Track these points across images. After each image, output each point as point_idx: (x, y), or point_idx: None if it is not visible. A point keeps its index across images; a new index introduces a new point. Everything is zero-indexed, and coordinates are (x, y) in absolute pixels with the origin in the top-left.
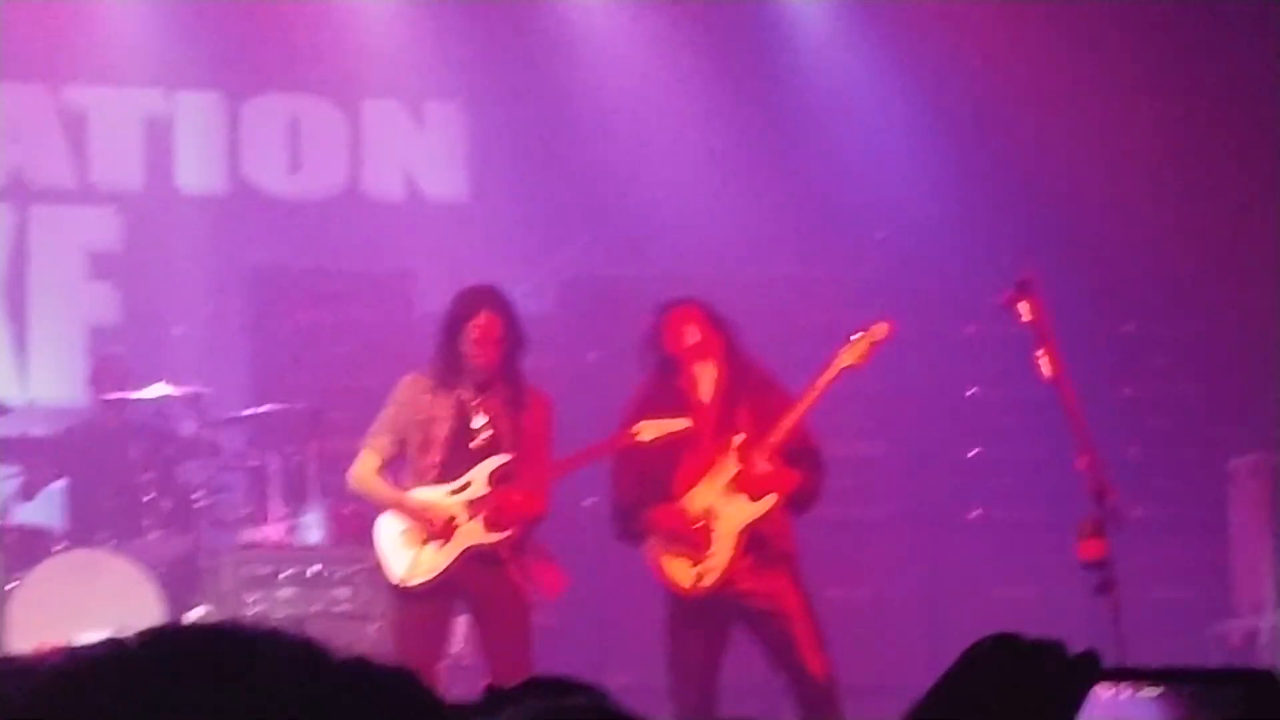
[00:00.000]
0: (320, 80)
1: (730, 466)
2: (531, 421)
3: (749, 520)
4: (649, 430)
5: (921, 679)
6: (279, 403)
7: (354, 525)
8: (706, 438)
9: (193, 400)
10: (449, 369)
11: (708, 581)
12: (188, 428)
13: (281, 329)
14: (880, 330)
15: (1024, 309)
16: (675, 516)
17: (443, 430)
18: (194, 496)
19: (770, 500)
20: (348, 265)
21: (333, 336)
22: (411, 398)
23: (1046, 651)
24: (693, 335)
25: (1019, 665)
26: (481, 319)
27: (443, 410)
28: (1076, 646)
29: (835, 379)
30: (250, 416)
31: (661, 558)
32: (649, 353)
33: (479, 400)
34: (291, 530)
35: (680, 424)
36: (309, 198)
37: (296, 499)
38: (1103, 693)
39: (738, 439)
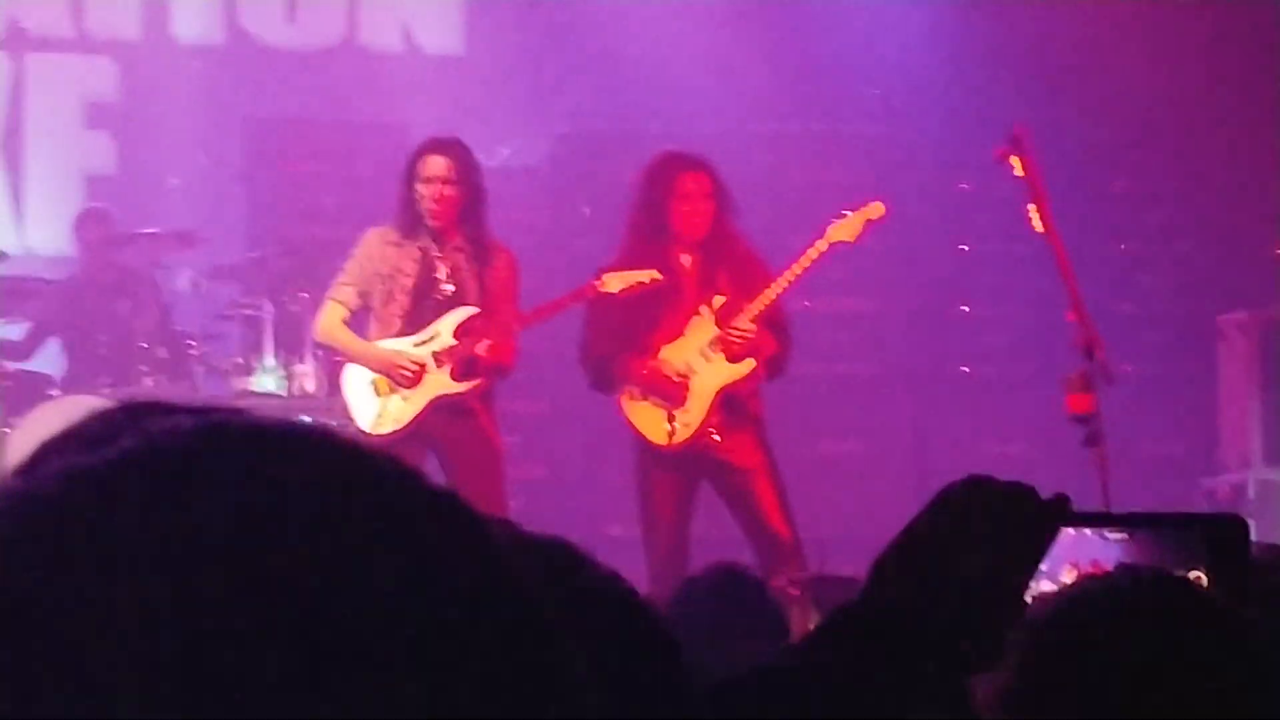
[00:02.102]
0: None
1: (709, 328)
2: (495, 275)
3: (727, 381)
4: (614, 281)
5: None
6: (273, 252)
7: None
8: (687, 297)
9: (188, 249)
10: (410, 221)
11: (680, 436)
12: (182, 277)
13: (277, 179)
14: (875, 209)
15: (1016, 164)
16: (653, 369)
17: (407, 282)
18: (189, 344)
19: (749, 364)
20: (343, 116)
21: (327, 187)
22: (376, 250)
23: (1017, 495)
24: (696, 210)
25: (990, 508)
26: (433, 160)
27: (406, 262)
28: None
29: (824, 253)
30: (244, 265)
31: (635, 408)
32: (642, 201)
33: (442, 253)
34: (286, 379)
35: (647, 275)
36: (306, 48)
37: (291, 348)
38: (1070, 535)
39: (718, 300)
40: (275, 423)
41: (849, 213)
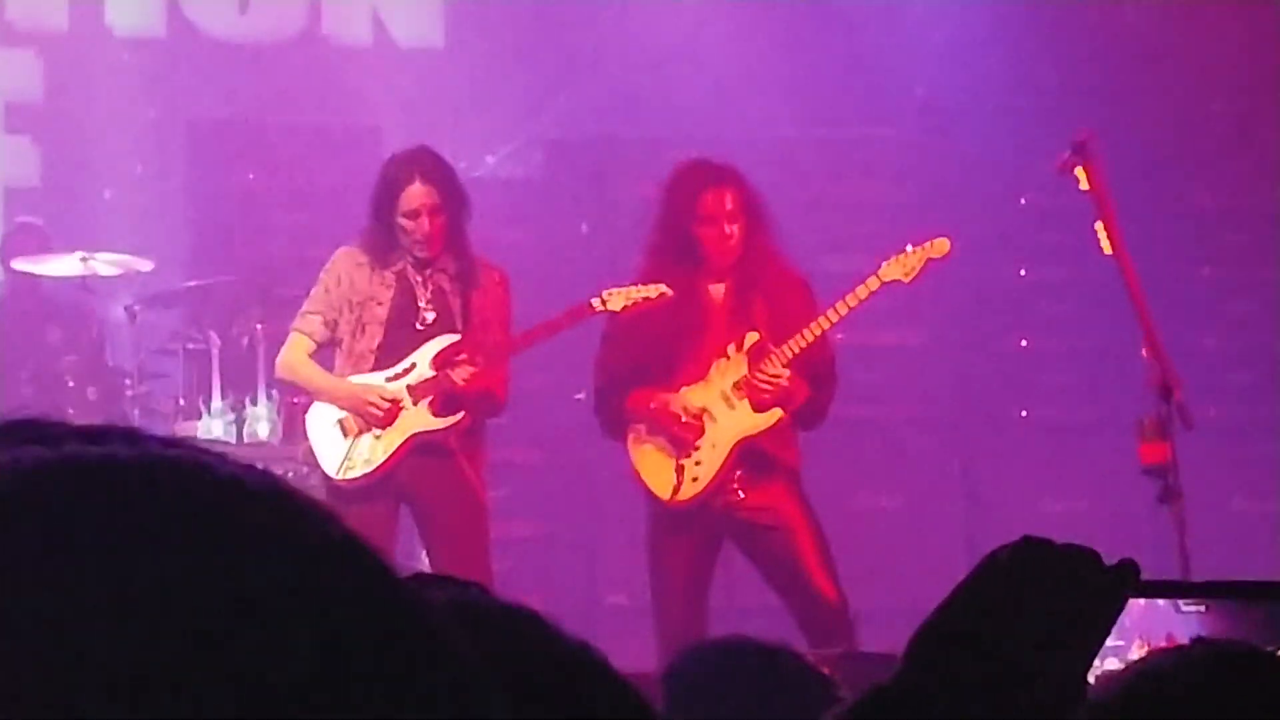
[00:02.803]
0: None
1: (737, 368)
2: (483, 299)
3: (748, 432)
4: (616, 298)
5: None
6: (223, 276)
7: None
8: (715, 333)
9: (124, 273)
10: (384, 244)
11: (687, 492)
12: (117, 305)
13: (227, 192)
14: (939, 247)
15: (1081, 175)
16: (663, 406)
17: (381, 311)
18: (124, 383)
19: (775, 415)
20: (304, 119)
21: (286, 201)
22: (345, 274)
23: (1076, 560)
24: (723, 232)
25: (1045, 575)
26: (414, 190)
27: (380, 288)
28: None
29: (875, 292)
30: (189, 292)
31: (640, 452)
32: (662, 222)
33: (422, 277)
34: (236, 423)
35: (654, 290)
36: (260, 40)
37: (242, 387)
38: (1140, 606)
39: (750, 338)
40: (135, 459)
41: (910, 247)
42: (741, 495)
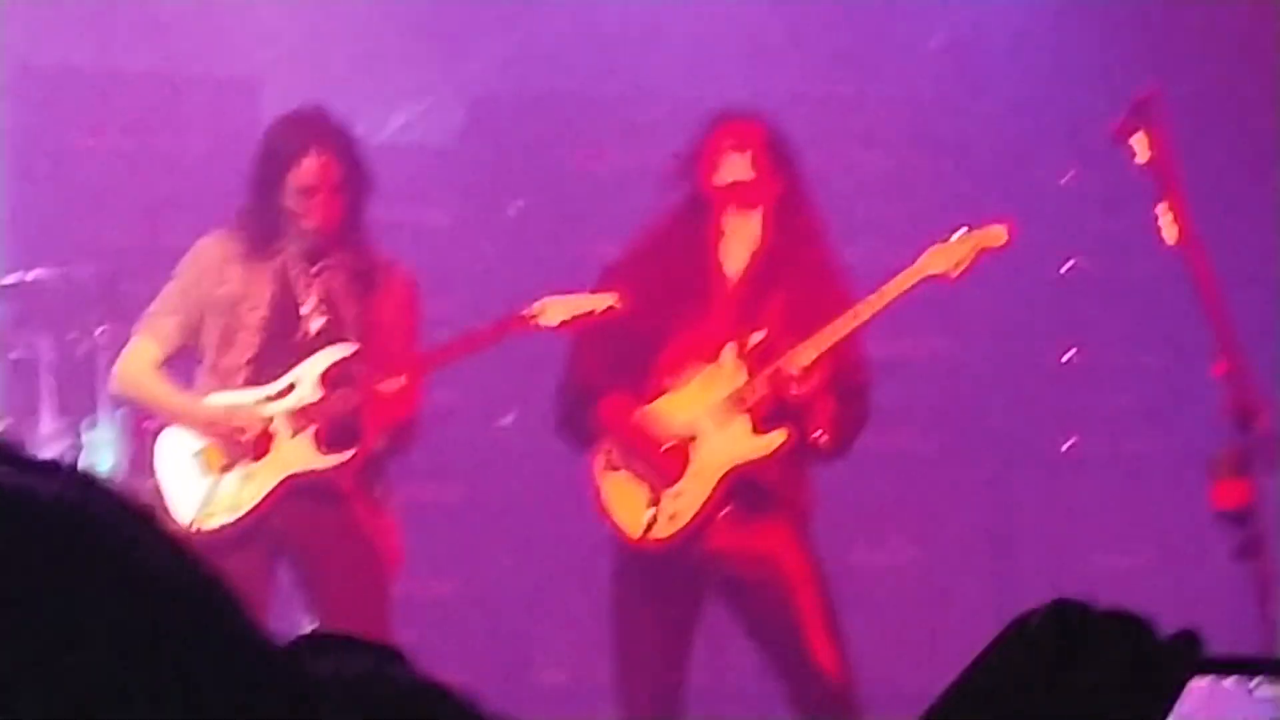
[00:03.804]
0: None
1: (735, 373)
2: (384, 302)
3: (743, 458)
4: (554, 310)
5: None
6: (54, 267)
7: None
8: (715, 322)
9: None
10: (265, 231)
11: (664, 530)
12: None
13: (60, 159)
14: (995, 235)
15: (1141, 144)
16: (635, 425)
17: (255, 315)
18: None
19: (778, 438)
20: (161, 68)
21: (135, 170)
22: (211, 268)
23: (1122, 627)
24: (739, 170)
25: (1085, 647)
26: (310, 162)
27: (256, 286)
28: (1189, 625)
29: (914, 288)
30: (11, 286)
31: (609, 480)
32: (677, 180)
33: (308, 273)
34: (72, 451)
35: (600, 302)
36: None
37: (78, 407)
38: (1204, 687)
39: (756, 337)
40: None
41: (962, 231)
42: (729, 540)
